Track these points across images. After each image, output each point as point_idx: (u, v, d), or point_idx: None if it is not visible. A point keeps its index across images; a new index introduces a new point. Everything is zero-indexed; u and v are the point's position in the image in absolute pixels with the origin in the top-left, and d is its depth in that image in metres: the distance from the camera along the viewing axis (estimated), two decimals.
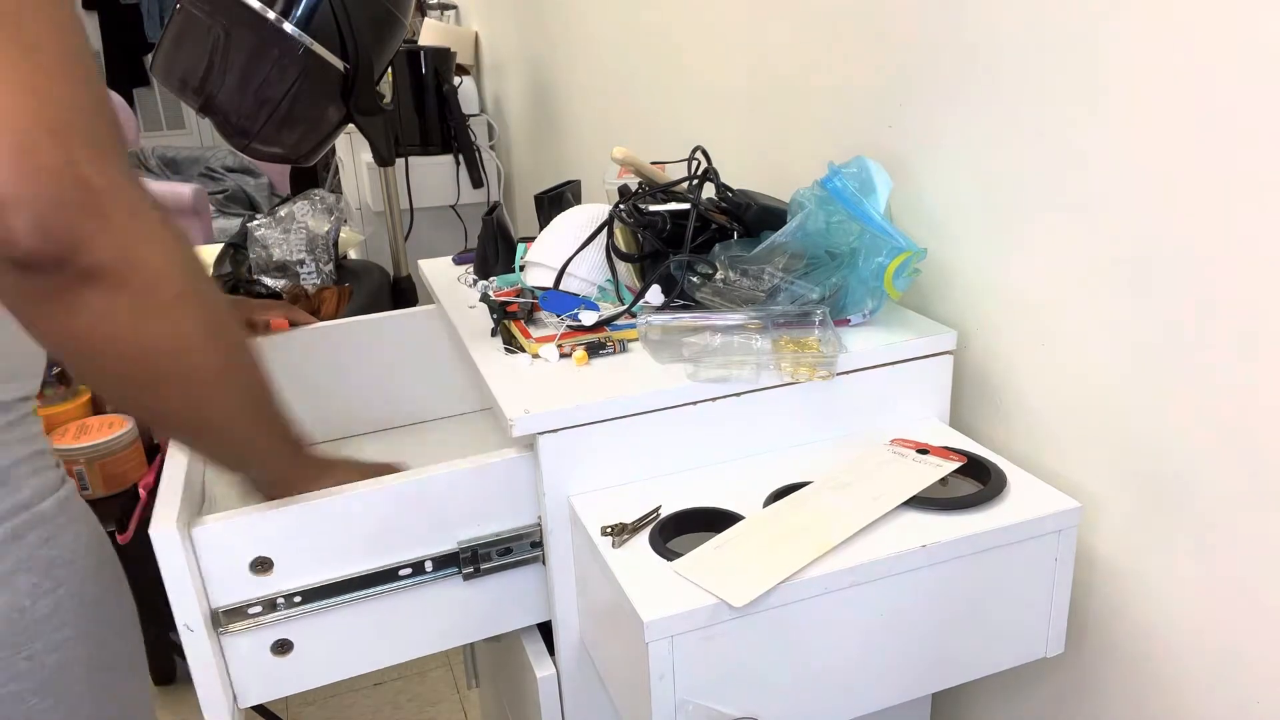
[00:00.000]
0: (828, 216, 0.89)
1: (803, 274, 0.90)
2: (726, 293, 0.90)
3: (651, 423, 0.83)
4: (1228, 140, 0.66)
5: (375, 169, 2.21)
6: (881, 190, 0.91)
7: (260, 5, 1.63)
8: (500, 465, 0.83)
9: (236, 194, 3.61)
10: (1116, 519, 0.81)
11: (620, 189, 1.05)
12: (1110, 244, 0.77)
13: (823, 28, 1.11)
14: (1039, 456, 0.88)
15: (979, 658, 0.81)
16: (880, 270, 0.88)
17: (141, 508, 0.91)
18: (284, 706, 1.93)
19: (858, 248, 0.89)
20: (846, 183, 0.88)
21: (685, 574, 0.71)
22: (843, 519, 0.76)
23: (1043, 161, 0.82)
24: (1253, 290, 0.66)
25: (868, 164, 0.91)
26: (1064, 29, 0.77)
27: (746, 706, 0.73)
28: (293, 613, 0.80)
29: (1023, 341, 0.88)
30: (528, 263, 1.06)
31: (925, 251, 0.91)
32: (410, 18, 1.91)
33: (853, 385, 0.88)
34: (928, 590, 0.75)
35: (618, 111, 1.88)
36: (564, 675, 0.89)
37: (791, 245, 0.89)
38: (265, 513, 0.78)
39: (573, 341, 0.90)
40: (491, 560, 0.85)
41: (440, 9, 3.18)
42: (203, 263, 0.66)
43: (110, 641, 0.82)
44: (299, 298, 2.02)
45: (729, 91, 1.38)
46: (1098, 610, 0.84)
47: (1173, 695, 0.79)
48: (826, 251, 0.91)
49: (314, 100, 1.80)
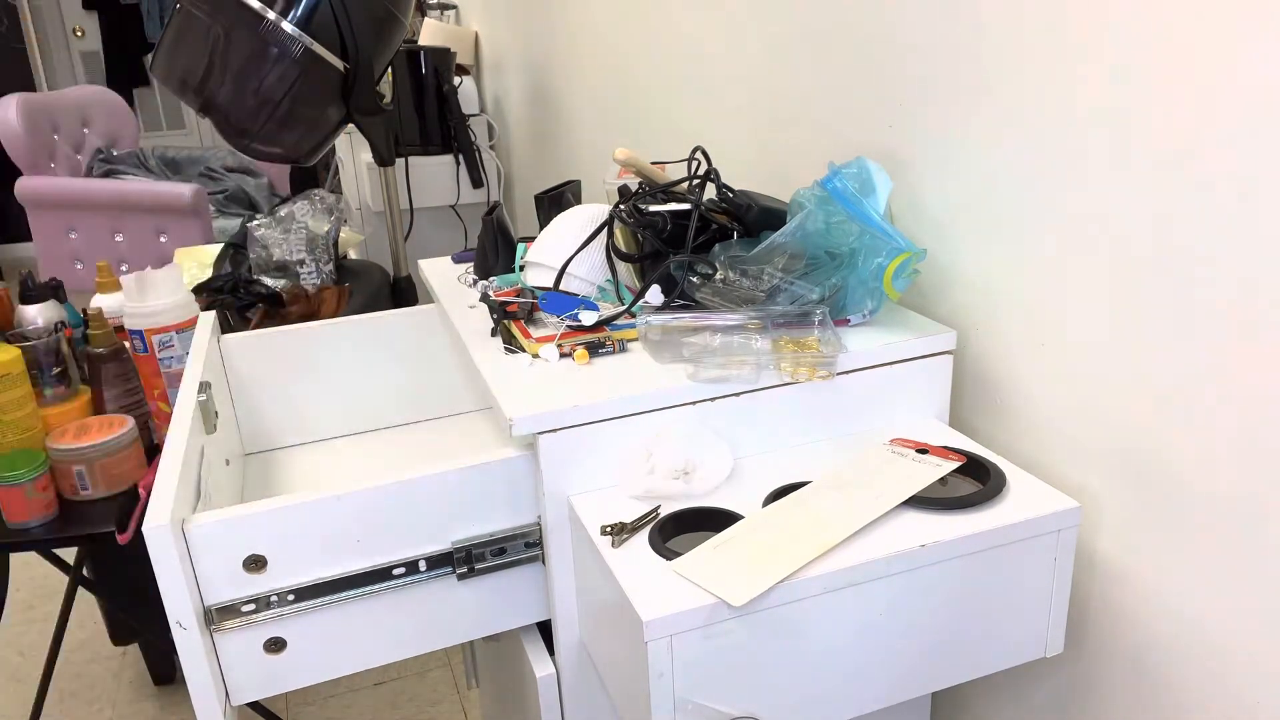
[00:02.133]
0: (827, 217, 0.89)
1: (802, 274, 0.90)
2: (726, 293, 0.90)
3: (651, 423, 0.83)
4: (1228, 141, 0.66)
5: (375, 169, 2.21)
6: (881, 191, 0.91)
7: (260, 5, 1.63)
8: (500, 465, 0.83)
9: (236, 194, 3.61)
10: (1116, 519, 0.81)
11: (620, 189, 1.05)
12: (1110, 244, 0.77)
13: (823, 28, 1.11)
14: (1039, 456, 0.88)
15: (978, 657, 0.81)
16: (880, 271, 0.88)
17: (141, 507, 0.91)
18: (283, 706, 1.93)
19: (857, 248, 0.89)
20: (846, 183, 0.88)
21: (685, 573, 0.71)
22: (842, 519, 0.76)
23: (1042, 162, 0.82)
24: (1253, 290, 0.66)
25: (868, 164, 0.91)
26: (1065, 29, 0.77)
27: (746, 706, 0.72)
28: (286, 611, 0.80)
29: (1023, 341, 0.88)
30: (528, 263, 1.06)
31: (924, 252, 0.91)
32: (410, 18, 1.91)
33: (853, 385, 0.88)
34: (927, 590, 0.75)
35: (618, 111, 1.88)
36: (563, 675, 0.89)
37: (791, 245, 0.89)
38: (259, 511, 0.78)
39: (572, 341, 0.90)
40: (486, 560, 0.85)
41: (440, 9, 3.18)
42: None
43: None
44: (299, 298, 2.02)
45: (729, 91, 1.38)
46: (1098, 610, 0.84)
47: (1173, 695, 0.79)
48: (826, 252, 0.91)
49: (314, 100, 1.80)
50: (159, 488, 0.78)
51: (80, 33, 4.96)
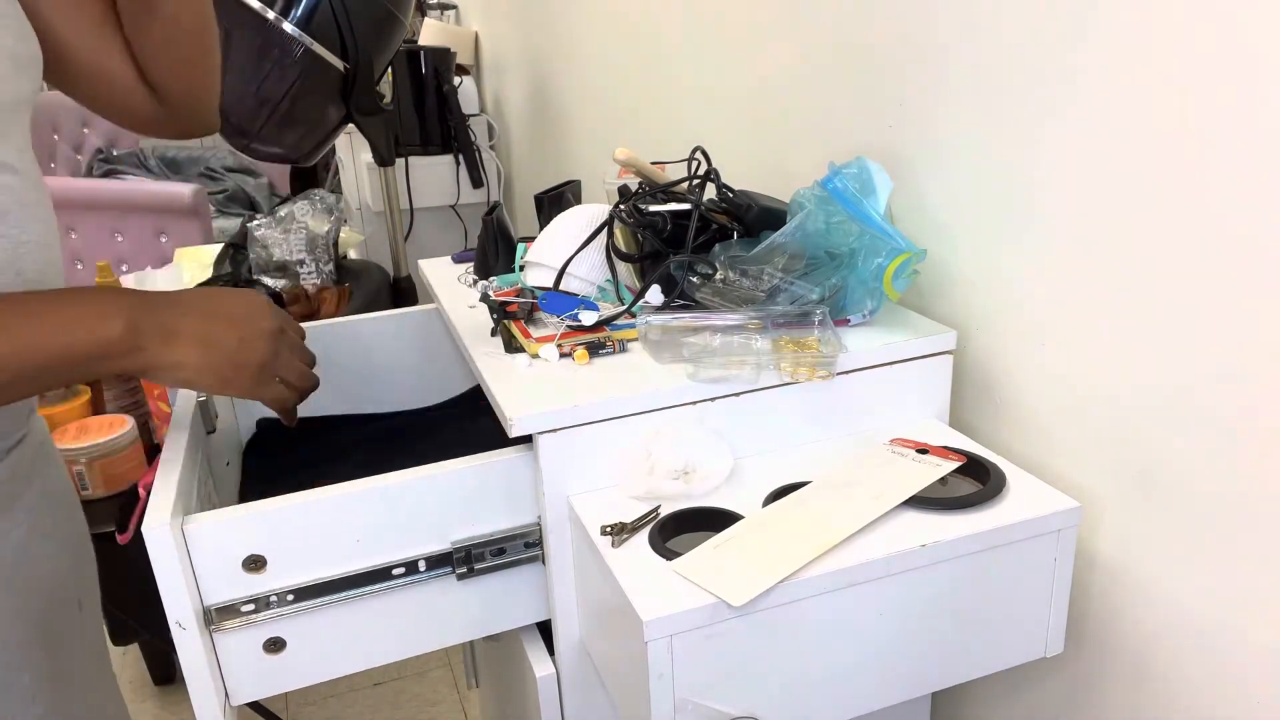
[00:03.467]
0: (828, 217, 0.89)
1: (802, 274, 0.90)
2: (726, 293, 0.90)
3: (651, 423, 0.83)
4: (1229, 141, 0.66)
5: (375, 169, 2.21)
6: (881, 191, 0.91)
7: (260, 5, 1.63)
8: (499, 464, 0.83)
9: (236, 194, 3.61)
10: (1116, 519, 0.81)
11: (620, 189, 1.04)
12: (1110, 244, 0.77)
13: (823, 27, 1.10)
14: (1039, 456, 0.88)
15: (978, 657, 0.81)
16: (880, 271, 0.88)
17: (141, 507, 0.91)
18: (284, 706, 1.93)
19: (857, 248, 0.89)
20: (847, 183, 0.88)
21: (684, 573, 0.71)
22: (842, 518, 0.75)
23: (1043, 161, 0.81)
24: (1253, 291, 0.66)
25: (868, 165, 0.91)
26: (1065, 29, 0.77)
27: (745, 706, 0.72)
28: (285, 611, 0.80)
29: (1023, 341, 0.88)
30: (528, 263, 1.06)
31: (925, 252, 0.91)
32: (410, 18, 1.91)
33: (853, 385, 0.88)
34: (927, 590, 0.75)
35: (618, 111, 1.88)
36: (563, 675, 0.89)
37: (791, 245, 0.89)
38: (259, 511, 0.77)
39: (572, 341, 0.90)
40: (485, 560, 0.85)
41: (440, 9, 3.18)
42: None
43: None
44: (299, 298, 2.02)
45: (729, 90, 1.37)
46: (1098, 610, 0.84)
47: (1172, 695, 0.78)
48: (826, 252, 0.91)
49: (314, 100, 1.80)
50: (159, 488, 0.78)
51: None
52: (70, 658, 0.84)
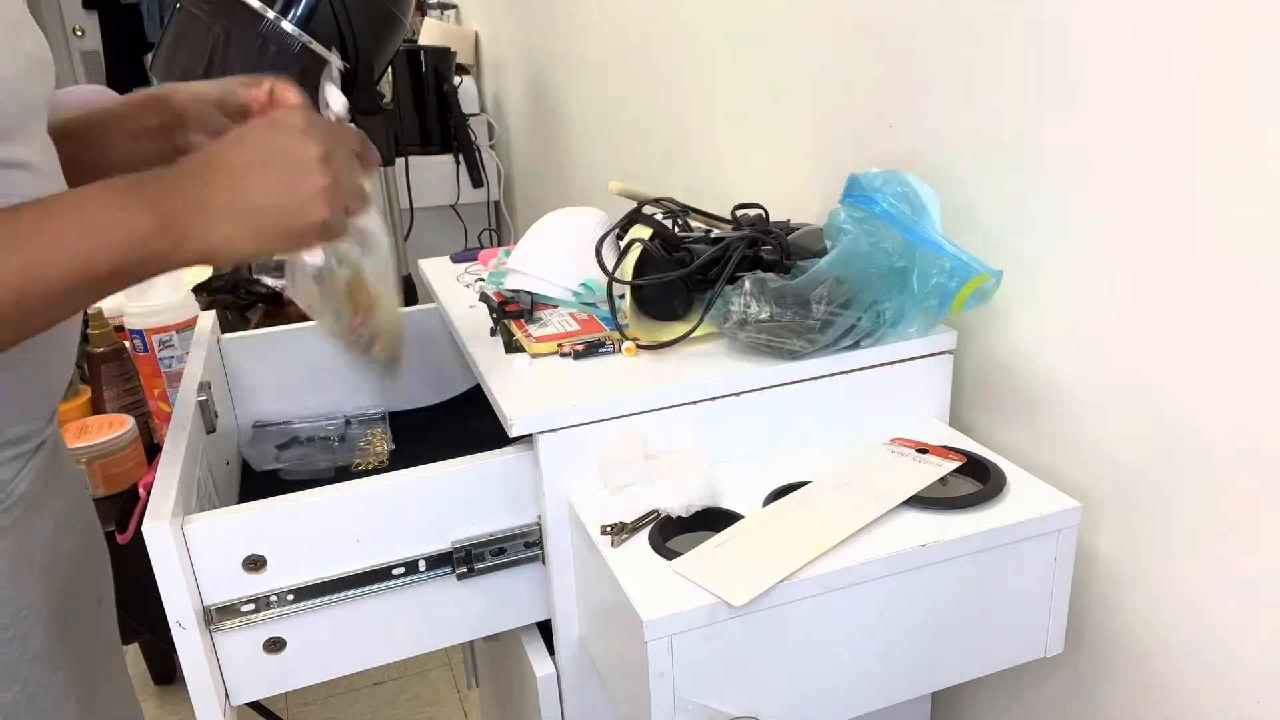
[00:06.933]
0: (872, 238, 0.84)
1: (847, 301, 0.84)
2: (774, 329, 0.84)
3: (651, 422, 0.83)
4: (1230, 142, 0.66)
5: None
6: (931, 206, 0.86)
7: (260, 4, 1.63)
8: (499, 464, 0.83)
9: None
10: (1116, 519, 0.81)
11: (642, 211, 0.98)
12: (1110, 244, 0.77)
13: (823, 27, 1.10)
14: (1039, 456, 0.88)
15: (978, 657, 0.80)
16: (940, 290, 0.84)
17: (141, 507, 0.91)
18: (284, 705, 1.93)
19: (907, 267, 0.84)
20: (897, 204, 0.84)
21: (684, 573, 0.71)
22: (842, 518, 0.75)
23: (1043, 162, 0.81)
24: (1253, 291, 0.66)
25: (910, 180, 0.86)
26: (1066, 30, 0.77)
27: (746, 706, 0.72)
28: (285, 611, 0.80)
29: (1023, 341, 0.88)
30: (509, 268, 1.05)
31: (1001, 274, 0.85)
32: (410, 17, 1.90)
33: (853, 385, 0.88)
34: (927, 590, 0.75)
35: (618, 110, 1.88)
36: (563, 674, 0.89)
37: (836, 271, 0.83)
38: (259, 511, 0.77)
39: (573, 341, 0.90)
40: (485, 560, 0.85)
41: (440, 9, 3.18)
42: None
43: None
44: None
45: (729, 90, 1.37)
46: (1098, 610, 0.84)
47: (1172, 695, 0.78)
48: (873, 274, 0.84)
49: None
50: (159, 487, 0.78)
51: (80, 32, 4.96)
52: (94, 655, 0.85)
